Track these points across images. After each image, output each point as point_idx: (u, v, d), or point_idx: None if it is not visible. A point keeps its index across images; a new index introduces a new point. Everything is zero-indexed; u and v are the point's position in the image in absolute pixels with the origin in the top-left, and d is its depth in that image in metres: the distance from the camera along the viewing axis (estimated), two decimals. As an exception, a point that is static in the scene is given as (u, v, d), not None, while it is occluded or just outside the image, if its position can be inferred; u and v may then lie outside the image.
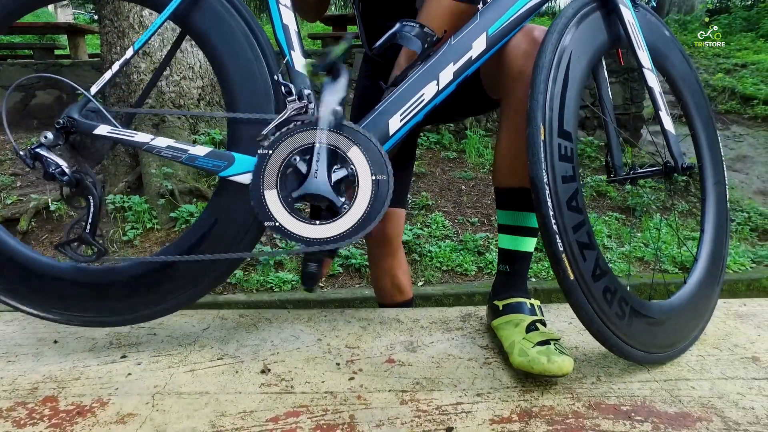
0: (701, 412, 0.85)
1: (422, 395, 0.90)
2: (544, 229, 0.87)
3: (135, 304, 1.04)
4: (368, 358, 1.03)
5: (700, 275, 1.12)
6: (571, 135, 0.92)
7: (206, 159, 0.94)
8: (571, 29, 0.96)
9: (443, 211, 3.30)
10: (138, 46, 0.96)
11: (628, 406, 0.87)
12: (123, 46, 3.19)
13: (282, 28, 0.96)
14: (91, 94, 0.96)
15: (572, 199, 0.90)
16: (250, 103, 0.98)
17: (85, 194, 0.95)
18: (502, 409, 0.86)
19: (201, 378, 0.95)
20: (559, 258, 0.87)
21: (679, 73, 1.19)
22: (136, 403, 0.87)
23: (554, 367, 0.87)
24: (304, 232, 0.93)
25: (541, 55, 0.91)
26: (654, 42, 1.12)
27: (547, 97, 0.90)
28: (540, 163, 0.87)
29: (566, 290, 0.89)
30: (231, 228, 1.02)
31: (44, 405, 0.86)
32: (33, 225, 3.01)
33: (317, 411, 0.85)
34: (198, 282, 1.04)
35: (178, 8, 0.95)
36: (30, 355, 1.04)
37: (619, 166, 1.10)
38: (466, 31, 0.97)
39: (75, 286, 1.03)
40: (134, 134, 0.95)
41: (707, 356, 1.04)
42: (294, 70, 0.96)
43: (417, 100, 0.95)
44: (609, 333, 0.91)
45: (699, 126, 1.20)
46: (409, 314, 1.24)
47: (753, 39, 7.48)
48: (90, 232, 0.95)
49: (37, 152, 0.93)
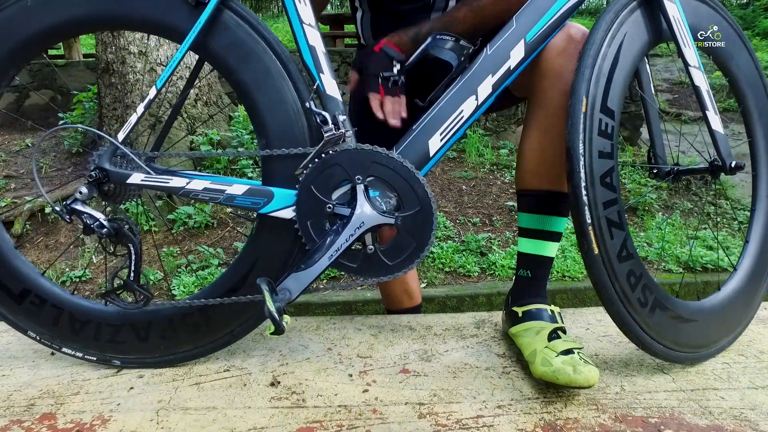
0: (734, 425, 0.81)
1: (440, 408, 0.85)
2: (575, 199, 0.85)
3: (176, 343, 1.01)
4: (381, 368, 0.98)
5: (737, 286, 1.08)
6: (615, 113, 0.90)
7: (245, 198, 0.90)
8: (627, 13, 0.93)
9: (444, 211, 3.27)
10: (160, 84, 0.90)
11: (656, 418, 0.83)
12: (118, 45, 3.14)
13: (309, 50, 0.90)
14: (119, 141, 0.91)
15: (607, 176, 0.88)
16: (283, 135, 0.92)
17: (125, 242, 0.92)
18: (525, 422, 0.82)
19: (207, 392, 0.90)
20: (586, 230, 0.85)
21: (744, 74, 1.14)
22: (139, 420, 0.82)
23: (581, 378, 0.83)
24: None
25: (594, 31, 0.89)
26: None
27: (594, 72, 0.88)
28: (578, 134, 0.85)
29: (589, 265, 0.87)
30: (272, 266, 0.96)
31: (41, 423, 0.82)
32: (28, 228, 2.95)
33: (331, 427, 0.81)
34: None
35: (198, 38, 0.89)
36: (26, 368, 0.99)
37: (663, 159, 1.06)
38: (502, 39, 0.91)
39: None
40: (169, 179, 0.90)
41: (733, 364, 1.00)
42: (325, 94, 0.91)
43: (457, 117, 0.91)
44: (629, 318, 0.89)
45: (759, 134, 1.15)
46: (421, 321, 1.20)
47: (749, 37, 7.48)
48: (134, 279, 0.93)
49: (73, 208, 0.90)
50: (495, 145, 4.15)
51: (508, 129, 4.32)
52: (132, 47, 3.14)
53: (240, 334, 1.01)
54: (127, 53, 3.15)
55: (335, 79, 0.92)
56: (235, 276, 0.97)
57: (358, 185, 0.89)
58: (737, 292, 1.07)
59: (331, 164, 0.89)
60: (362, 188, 0.89)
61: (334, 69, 4.34)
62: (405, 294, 1.39)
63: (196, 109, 3.34)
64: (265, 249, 0.96)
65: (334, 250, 0.88)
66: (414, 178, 0.89)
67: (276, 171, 0.93)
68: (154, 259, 2.74)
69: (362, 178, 0.89)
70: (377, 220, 0.88)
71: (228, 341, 1.01)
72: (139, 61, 3.16)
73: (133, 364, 0.99)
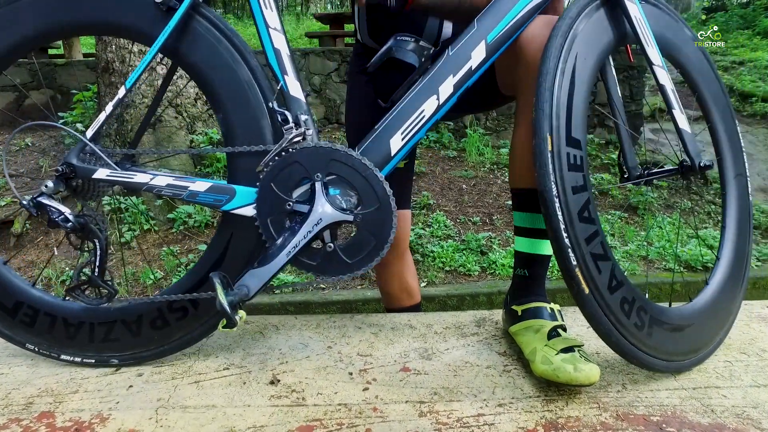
0: (737, 423, 0.80)
1: (441, 406, 0.85)
2: (556, 243, 0.83)
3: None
4: (382, 366, 0.98)
5: (723, 275, 1.07)
6: (581, 142, 0.88)
7: (207, 194, 0.92)
8: (575, 30, 0.91)
9: (444, 210, 3.26)
10: (129, 84, 0.92)
11: (658, 416, 0.82)
12: (119, 44, 3.14)
13: (273, 53, 0.93)
14: (87, 137, 0.92)
15: (584, 210, 0.85)
16: (246, 133, 0.94)
17: (91, 237, 0.93)
18: (527, 420, 0.81)
19: (207, 390, 0.90)
20: (573, 273, 0.83)
21: (693, 64, 1.14)
22: (138, 418, 0.82)
23: (581, 376, 0.82)
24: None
25: (545, 61, 0.86)
26: (665, 34, 1.08)
27: (553, 104, 0.85)
28: (548, 175, 0.83)
29: (581, 305, 0.85)
30: (238, 260, 0.97)
31: (40, 422, 0.81)
32: (27, 228, 2.95)
33: (332, 425, 0.80)
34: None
35: (167, 41, 0.91)
36: (24, 367, 0.99)
37: (633, 167, 1.06)
38: (464, 41, 0.92)
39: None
40: (133, 175, 0.92)
41: (735, 362, 0.99)
42: (289, 95, 0.93)
43: (418, 117, 0.92)
44: (629, 345, 0.87)
45: (717, 118, 1.15)
46: (422, 319, 1.19)
47: (750, 37, 7.47)
48: (98, 275, 0.94)
49: (39, 201, 0.91)
50: (495, 145, 4.15)
51: (508, 128, 4.31)
52: (132, 46, 3.14)
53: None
54: (127, 52, 3.15)
55: (298, 81, 0.93)
56: (202, 270, 0.98)
57: (317, 182, 0.89)
58: (724, 282, 1.06)
59: (291, 162, 0.89)
60: (321, 185, 0.89)
61: (335, 68, 4.35)
62: (405, 293, 1.39)
63: (196, 108, 3.33)
64: (230, 245, 0.97)
65: (291, 246, 0.88)
66: (373, 176, 0.89)
67: (239, 169, 0.95)
68: (154, 258, 2.74)
69: (321, 176, 0.89)
70: (335, 218, 0.89)
71: (217, 324, 1.01)
72: (139, 60, 3.16)
73: (130, 361, 0.99)
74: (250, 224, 0.93)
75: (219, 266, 0.97)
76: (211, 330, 1.02)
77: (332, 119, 4.27)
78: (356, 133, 1.27)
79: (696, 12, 9.45)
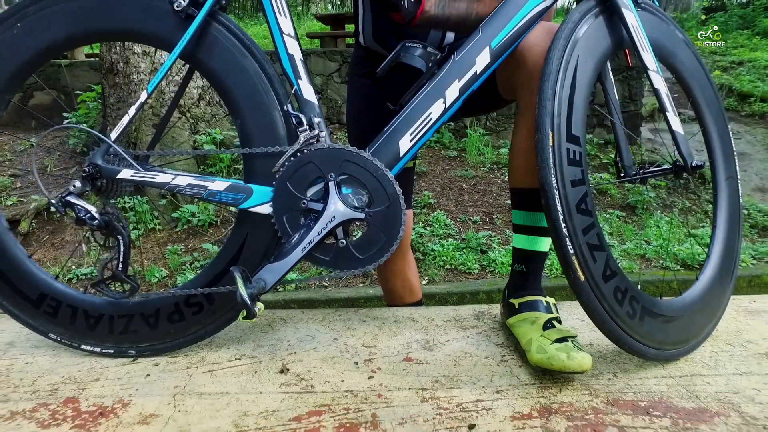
0: (719, 407, 0.86)
1: (442, 393, 0.90)
2: (555, 232, 0.89)
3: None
4: (386, 356, 1.03)
5: (713, 272, 1.13)
6: (580, 139, 0.93)
7: (225, 193, 0.96)
8: (576, 34, 0.96)
9: (445, 209, 3.31)
10: (151, 88, 0.97)
11: (645, 401, 0.88)
12: (122, 45, 3.17)
13: (288, 58, 0.97)
14: (112, 139, 0.97)
15: (581, 202, 0.91)
16: (263, 136, 0.99)
17: (115, 234, 0.99)
18: (522, 405, 0.87)
19: (220, 378, 0.95)
20: (570, 260, 0.88)
21: (687, 69, 1.20)
22: (157, 404, 0.87)
23: (574, 363, 0.88)
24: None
25: (548, 61, 0.92)
26: (660, 40, 1.13)
27: (555, 102, 0.91)
28: (549, 169, 0.88)
29: (577, 292, 0.90)
30: (254, 257, 1.03)
31: (66, 406, 0.87)
32: (34, 227, 3.00)
33: (339, 410, 0.85)
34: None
35: (186, 48, 0.96)
36: (47, 357, 1.04)
37: (629, 166, 1.11)
38: (469, 47, 0.97)
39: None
40: (155, 175, 0.96)
41: (720, 352, 1.05)
42: (303, 98, 0.98)
43: (425, 120, 0.97)
44: (621, 332, 0.92)
45: (710, 121, 1.21)
46: (423, 313, 1.25)
47: (749, 37, 7.51)
48: (122, 270, 0.99)
49: (68, 200, 0.96)
50: (495, 144, 4.20)
51: (508, 128, 4.36)
52: (136, 47, 3.19)
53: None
54: (131, 53, 3.20)
55: (311, 85, 0.98)
56: (219, 266, 1.03)
57: (331, 182, 0.94)
58: (714, 279, 1.11)
59: (306, 162, 0.95)
60: (334, 185, 0.94)
61: (336, 69, 4.39)
62: (406, 290, 1.43)
63: (200, 109, 3.38)
64: (246, 242, 1.02)
65: (306, 243, 0.94)
66: (383, 176, 0.94)
67: (256, 169, 1.00)
68: (159, 257, 2.79)
69: (335, 176, 0.94)
70: (348, 215, 0.94)
71: (231, 319, 1.06)
72: (143, 60, 3.20)
73: (147, 352, 1.04)
74: (265, 222, 0.98)
75: (236, 262, 1.02)
76: (224, 325, 1.07)
77: (333, 119, 4.32)
78: (358, 134, 1.32)
79: (696, 12, 9.48)
